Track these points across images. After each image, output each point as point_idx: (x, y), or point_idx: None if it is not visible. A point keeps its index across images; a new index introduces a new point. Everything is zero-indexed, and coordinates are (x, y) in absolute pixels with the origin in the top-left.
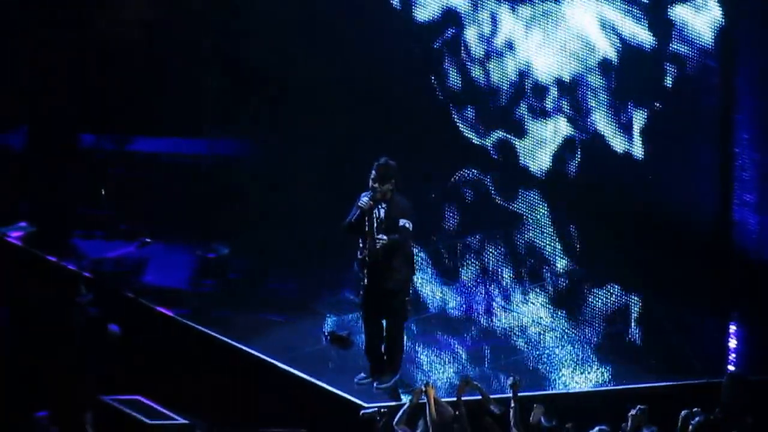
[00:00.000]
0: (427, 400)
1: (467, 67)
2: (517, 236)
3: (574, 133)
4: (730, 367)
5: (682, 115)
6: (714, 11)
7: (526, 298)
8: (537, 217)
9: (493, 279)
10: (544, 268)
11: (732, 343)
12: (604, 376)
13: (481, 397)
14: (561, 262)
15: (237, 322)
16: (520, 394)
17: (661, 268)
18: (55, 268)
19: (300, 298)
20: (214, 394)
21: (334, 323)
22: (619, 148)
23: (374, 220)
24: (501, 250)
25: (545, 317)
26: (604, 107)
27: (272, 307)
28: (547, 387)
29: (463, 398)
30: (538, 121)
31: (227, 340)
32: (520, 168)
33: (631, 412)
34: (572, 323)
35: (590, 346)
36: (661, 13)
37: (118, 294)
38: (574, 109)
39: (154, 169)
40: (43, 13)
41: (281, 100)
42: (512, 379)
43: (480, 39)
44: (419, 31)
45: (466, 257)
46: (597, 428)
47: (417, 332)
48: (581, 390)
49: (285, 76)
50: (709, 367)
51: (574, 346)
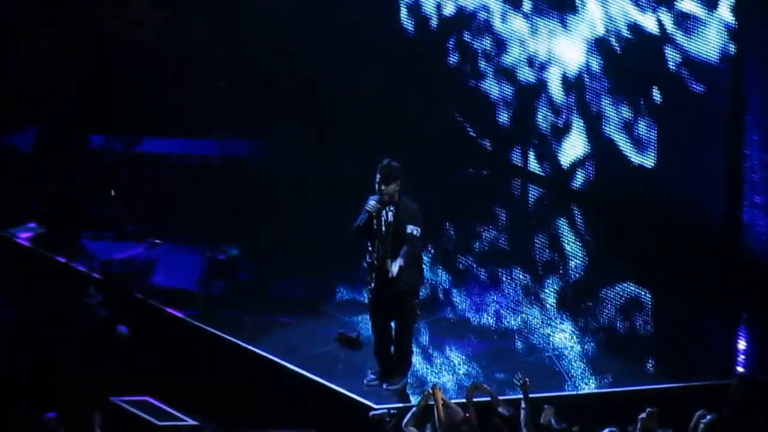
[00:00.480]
0: (434, 402)
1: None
2: (527, 238)
3: (585, 136)
4: (739, 369)
5: (692, 116)
6: (724, 13)
7: (535, 299)
8: (547, 218)
9: (503, 280)
10: (554, 270)
11: (741, 345)
12: (614, 378)
13: (490, 398)
14: (571, 264)
15: (246, 323)
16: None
17: (671, 270)
18: (64, 269)
19: (309, 300)
20: (223, 395)
21: (343, 325)
22: (629, 151)
23: (383, 223)
24: (511, 252)
25: (555, 318)
26: (613, 110)
27: (281, 309)
28: (556, 388)
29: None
30: (549, 125)
31: (236, 341)
32: (530, 169)
33: (641, 416)
34: (582, 324)
35: (599, 347)
36: (671, 15)
37: (128, 295)
38: (585, 112)
39: (164, 170)
40: (52, 14)
41: (291, 101)
42: (521, 380)
43: (493, 46)
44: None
45: (477, 258)
46: (606, 430)
47: (426, 334)
48: (590, 391)
49: (295, 77)
50: (718, 369)
51: (584, 348)
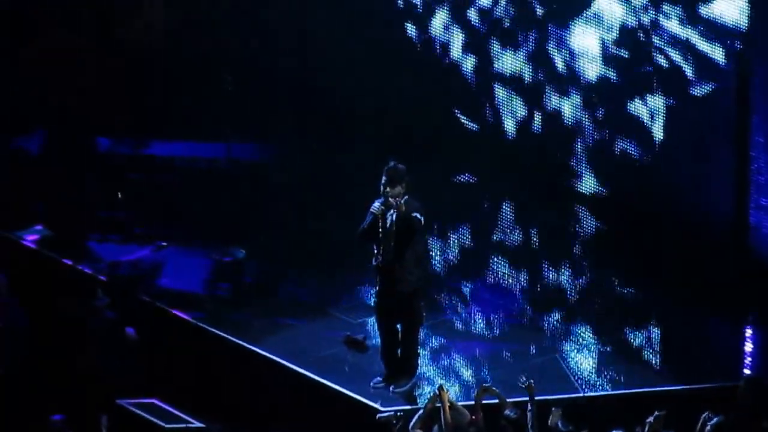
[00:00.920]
0: (441, 404)
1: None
2: (533, 240)
3: (590, 137)
4: (746, 371)
5: (699, 118)
6: (731, 14)
7: (541, 300)
8: (552, 220)
9: (509, 282)
10: (560, 272)
11: (748, 347)
12: (621, 380)
13: (497, 400)
14: (577, 266)
15: (252, 326)
16: (537, 398)
17: (677, 272)
18: (71, 272)
19: (315, 302)
20: (230, 397)
21: (349, 327)
22: (636, 152)
23: (387, 225)
24: (517, 254)
25: (561, 320)
26: (620, 111)
27: (288, 311)
28: (563, 391)
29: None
30: (557, 125)
31: (243, 344)
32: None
33: (649, 419)
34: (589, 326)
35: (606, 349)
36: (678, 18)
37: (134, 297)
38: (589, 114)
39: (171, 173)
40: (62, 17)
41: (298, 104)
42: (526, 382)
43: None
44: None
45: (483, 260)
46: None
47: (432, 336)
48: (597, 394)
49: (302, 81)
50: (725, 371)
51: (591, 350)
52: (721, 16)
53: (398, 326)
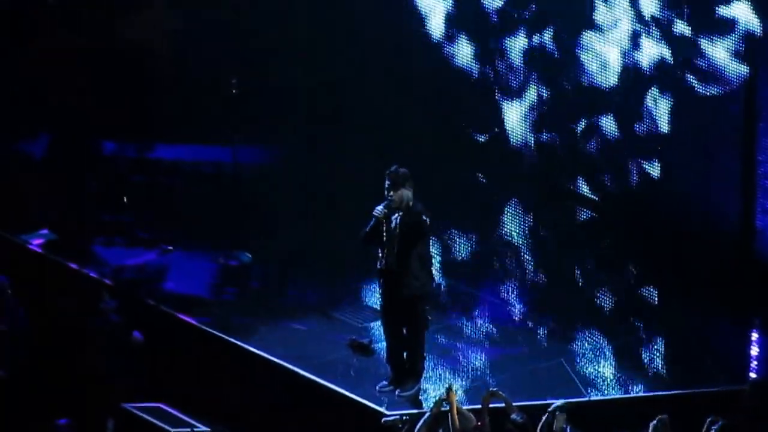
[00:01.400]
0: (449, 405)
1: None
2: (538, 243)
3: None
4: (752, 375)
5: (706, 123)
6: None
7: (547, 305)
8: (559, 223)
9: (515, 286)
10: (565, 275)
11: (754, 351)
12: (626, 384)
13: (504, 405)
14: (582, 269)
15: (258, 330)
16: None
17: (684, 276)
18: (76, 276)
19: (321, 306)
20: (235, 400)
21: (355, 331)
22: (643, 156)
23: (391, 228)
24: (522, 258)
25: (567, 324)
26: (623, 116)
27: (293, 315)
28: (568, 395)
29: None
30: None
31: (248, 348)
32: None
33: (653, 423)
34: (594, 330)
35: (612, 353)
36: (686, 22)
37: (140, 301)
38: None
39: (176, 177)
40: (66, 20)
41: (303, 108)
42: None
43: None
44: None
45: (488, 264)
46: None
47: (438, 340)
48: (603, 398)
49: (308, 85)
50: (731, 375)
51: (596, 354)
52: (730, 21)
53: (403, 330)
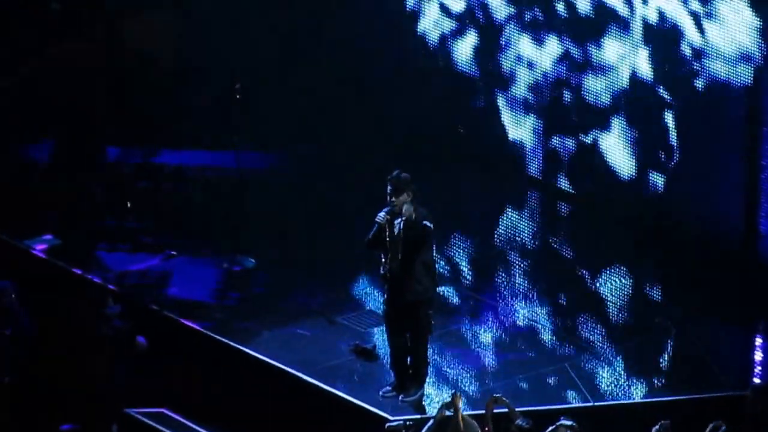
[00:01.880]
0: (454, 410)
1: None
2: (542, 248)
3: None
4: (756, 380)
5: (709, 128)
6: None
7: (550, 310)
8: (561, 227)
9: (518, 291)
10: (570, 280)
11: (758, 356)
12: (630, 389)
13: (507, 410)
14: (587, 275)
15: (262, 335)
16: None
17: (688, 281)
18: (80, 281)
19: (325, 311)
20: (238, 406)
21: (359, 336)
22: (647, 161)
23: (394, 234)
24: (526, 262)
25: (570, 329)
26: (630, 119)
27: (297, 320)
28: (571, 401)
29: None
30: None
31: (252, 353)
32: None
33: (655, 428)
34: (597, 335)
35: (615, 358)
36: (690, 27)
37: (143, 307)
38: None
39: (180, 182)
40: (70, 26)
41: (307, 113)
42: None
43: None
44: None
45: (492, 269)
46: None
47: (441, 345)
48: (606, 403)
49: (312, 90)
50: (735, 380)
51: (599, 359)
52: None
53: (407, 335)
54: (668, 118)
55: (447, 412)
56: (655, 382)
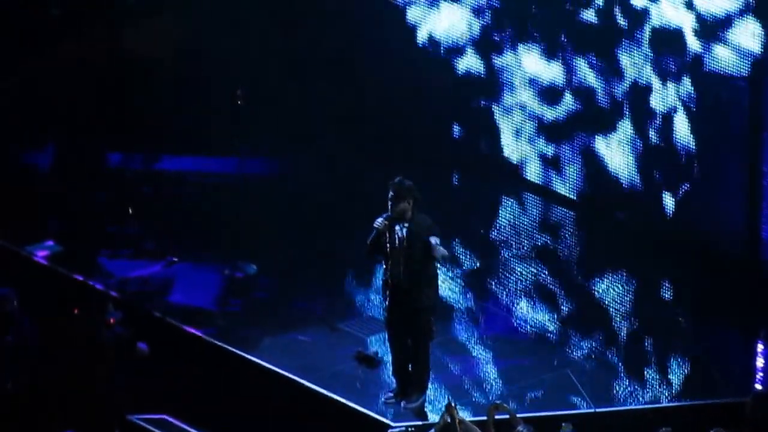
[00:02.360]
0: (451, 419)
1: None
2: (544, 255)
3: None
4: (758, 386)
5: (711, 133)
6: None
7: (551, 316)
8: (562, 233)
9: (520, 298)
10: (570, 286)
11: (759, 362)
12: (632, 395)
13: (509, 417)
14: (588, 280)
15: (264, 342)
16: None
17: (689, 287)
18: (81, 287)
19: (327, 317)
20: (241, 412)
21: (361, 343)
22: (649, 167)
23: (396, 240)
24: (528, 270)
25: (571, 335)
26: (629, 126)
27: (299, 327)
28: (574, 406)
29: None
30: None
31: (254, 359)
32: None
33: None
34: (599, 341)
35: (616, 364)
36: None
37: (145, 313)
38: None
39: (182, 188)
40: (71, 31)
41: (309, 119)
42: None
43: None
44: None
45: (494, 276)
46: None
47: (443, 351)
48: (608, 409)
49: (313, 96)
50: (737, 387)
51: (601, 365)
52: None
53: (409, 342)
54: (669, 123)
55: (449, 419)
56: (657, 388)
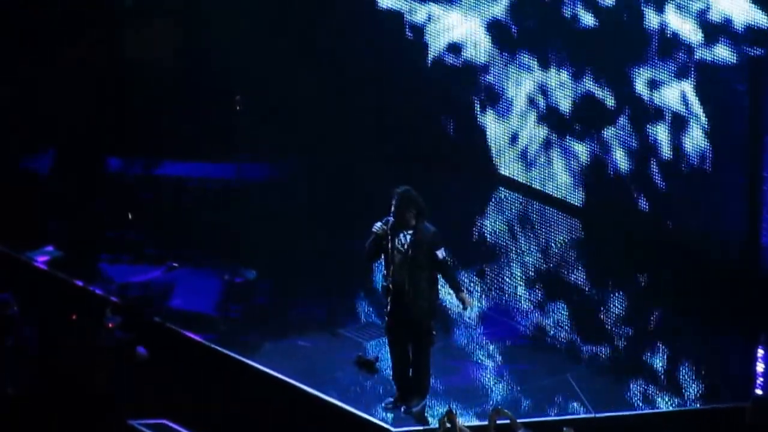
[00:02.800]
0: (452, 425)
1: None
2: (543, 260)
3: (602, 156)
4: (757, 391)
5: (711, 138)
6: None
7: (551, 322)
8: (562, 238)
9: (519, 303)
10: (570, 291)
11: (759, 367)
12: (632, 401)
13: (509, 422)
14: (588, 285)
15: (264, 347)
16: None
17: (689, 292)
18: (82, 293)
19: (327, 323)
20: (240, 418)
21: (361, 348)
22: (649, 171)
23: (398, 247)
24: (527, 275)
25: (571, 340)
26: (632, 129)
27: (299, 332)
28: (574, 411)
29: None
30: (565, 145)
31: (254, 365)
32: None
33: None
34: (599, 346)
35: (616, 369)
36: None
37: (146, 318)
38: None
39: (182, 193)
40: (72, 36)
41: (308, 124)
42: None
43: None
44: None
45: (493, 281)
46: None
47: (443, 357)
48: (608, 414)
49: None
50: (736, 391)
51: (601, 370)
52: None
53: (409, 347)
54: (669, 127)
55: (448, 425)
56: (657, 393)
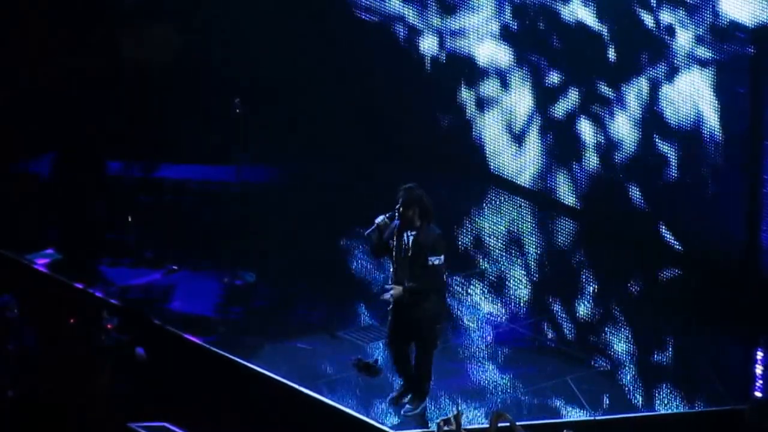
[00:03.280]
0: (456, 427)
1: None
2: (542, 263)
3: (600, 159)
4: (756, 394)
5: (711, 141)
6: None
7: (551, 324)
8: (562, 243)
9: (518, 306)
10: (570, 294)
11: (758, 370)
12: (631, 403)
13: (509, 425)
14: (587, 288)
15: (264, 349)
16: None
17: (689, 295)
18: (81, 295)
19: (327, 325)
20: (240, 420)
21: (361, 350)
22: (648, 175)
23: (402, 247)
24: (527, 278)
25: (571, 343)
26: (631, 132)
27: (299, 334)
28: (573, 414)
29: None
30: (564, 147)
31: (254, 367)
32: (543, 193)
33: None
34: (598, 349)
35: (616, 372)
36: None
37: (145, 321)
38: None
39: (181, 196)
40: (71, 39)
41: (308, 127)
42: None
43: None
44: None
45: (493, 284)
46: None
47: (444, 359)
48: (607, 417)
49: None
50: (735, 394)
51: (601, 373)
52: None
53: (410, 349)
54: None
55: (446, 428)
56: (656, 395)
